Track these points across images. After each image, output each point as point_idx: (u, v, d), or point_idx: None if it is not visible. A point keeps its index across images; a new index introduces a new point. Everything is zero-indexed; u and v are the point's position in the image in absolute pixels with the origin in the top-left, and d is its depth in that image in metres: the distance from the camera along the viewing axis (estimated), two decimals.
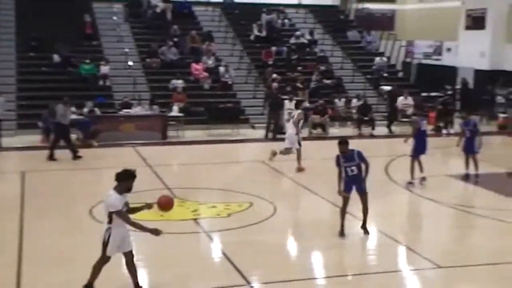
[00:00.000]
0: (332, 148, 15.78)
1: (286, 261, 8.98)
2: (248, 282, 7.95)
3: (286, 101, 16.04)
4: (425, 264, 8.64)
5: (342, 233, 9.54)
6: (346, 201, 9.57)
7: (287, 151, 14.38)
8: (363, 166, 9.44)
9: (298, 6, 26.89)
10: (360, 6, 26.92)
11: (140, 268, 7.65)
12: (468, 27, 23.50)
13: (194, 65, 21.53)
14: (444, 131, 18.47)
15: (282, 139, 18.18)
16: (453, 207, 11.43)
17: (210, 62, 22.12)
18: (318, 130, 19.07)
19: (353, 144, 18.61)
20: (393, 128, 19.75)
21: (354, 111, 19.98)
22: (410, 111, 19.68)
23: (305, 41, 24.16)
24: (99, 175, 13.72)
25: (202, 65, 21.70)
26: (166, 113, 18.62)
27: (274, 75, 21.59)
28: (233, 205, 11.31)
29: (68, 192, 12.43)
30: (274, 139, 18.23)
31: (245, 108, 20.54)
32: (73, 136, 16.22)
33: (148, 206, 7.34)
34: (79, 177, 13.79)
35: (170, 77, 20.76)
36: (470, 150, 13.30)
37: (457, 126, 18.01)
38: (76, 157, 15.05)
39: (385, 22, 27.36)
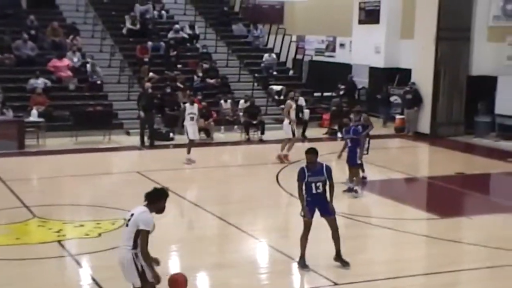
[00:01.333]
0: (217, 155, 16.02)
1: (166, 284, 8.81)
2: None
3: (187, 104, 16.01)
4: (321, 282, 8.83)
5: (304, 265, 9.11)
6: (307, 227, 8.99)
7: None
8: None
9: None
10: None
11: None
12: (361, 22, 24.51)
13: (56, 62, 20.77)
14: (339, 135, 19.12)
15: (162, 146, 18.09)
16: (348, 217, 11.78)
17: (76, 59, 21.45)
18: (202, 135, 19.05)
19: (240, 151, 18.89)
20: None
21: (241, 113, 20.16)
22: (305, 113, 20.25)
23: (186, 35, 24.10)
24: None
25: (66, 62, 20.99)
26: (23, 118, 17.82)
27: (151, 74, 21.35)
28: (105, 223, 11.02)
29: None
30: (152, 146, 18.00)
31: (118, 111, 20.12)
32: None
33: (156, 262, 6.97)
34: None
35: (27, 76, 19.93)
36: (350, 161, 13.19)
37: None
38: None
39: (274, 15, 27.93)
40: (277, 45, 25.36)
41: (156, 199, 6.99)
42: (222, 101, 20.70)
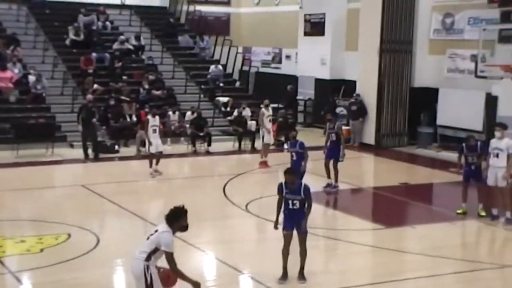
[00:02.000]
0: (163, 168, 15.91)
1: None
2: None
3: (149, 117, 15.91)
4: None
5: (284, 277, 9.13)
6: (287, 239, 9.06)
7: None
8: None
9: (122, 6, 26.59)
10: (192, 8, 27.31)
11: None
12: (307, 33, 24.81)
13: None
14: (286, 146, 19.24)
15: (107, 159, 17.87)
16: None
17: (17, 70, 21.03)
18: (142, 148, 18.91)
19: (187, 162, 18.79)
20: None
21: (187, 125, 20.11)
22: (251, 124, 20.36)
23: (131, 46, 23.94)
24: None
25: (9, 74, 20.56)
26: None
27: (95, 86, 21.11)
28: (48, 238, 10.82)
29: None
30: (97, 159, 17.77)
31: (62, 123, 19.79)
32: None
33: None
34: None
35: None
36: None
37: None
38: None
39: (220, 26, 27.99)
40: (223, 57, 25.43)
41: (176, 219, 7.06)
42: (170, 113, 20.61)
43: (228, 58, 25.39)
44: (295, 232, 9.07)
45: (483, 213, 12.52)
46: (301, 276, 9.17)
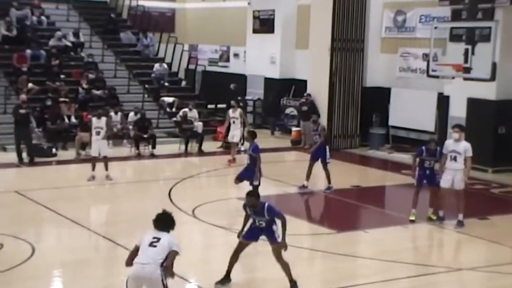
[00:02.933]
0: (104, 172, 15.73)
1: None
2: None
3: (94, 118, 15.71)
4: None
5: (223, 281, 9.18)
6: (239, 247, 9.19)
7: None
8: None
9: (59, 1, 26.19)
10: (134, 3, 27.11)
11: None
12: (256, 31, 24.92)
13: None
14: (241, 148, 19.28)
15: (43, 163, 17.56)
16: None
17: None
18: (88, 151, 18.64)
19: (131, 166, 18.56)
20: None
21: (130, 127, 19.94)
22: (198, 126, 20.35)
23: (69, 43, 23.64)
24: None
25: None
26: None
27: (30, 85, 20.73)
28: None
29: None
30: (32, 163, 17.46)
31: None
32: None
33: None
34: None
35: None
36: (246, 178, 13.41)
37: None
38: None
39: (164, 22, 27.88)
40: (168, 55, 25.33)
41: (173, 223, 7.85)
42: (112, 113, 20.35)
43: (173, 56, 25.30)
44: (245, 243, 9.20)
45: (433, 217, 12.79)
46: (294, 283, 9.15)
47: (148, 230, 7.73)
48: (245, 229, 9.29)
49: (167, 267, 7.47)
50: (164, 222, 7.80)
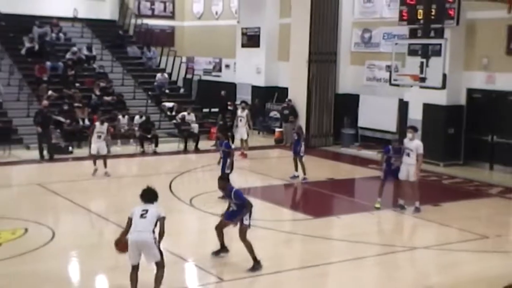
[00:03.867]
0: (114, 167, 15.72)
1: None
2: None
3: (97, 123, 15.68)
4: (210, 279, 8.95)
5: (218, 252, 9.60)
6: (220, 223, 9.52)
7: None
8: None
9: (74, 19, 26.07)
10: (139, 21, 27.05)
11: None
12: (244, 45, 24.95)
13: None
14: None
15: (61, 159, 17.52)
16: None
17: None
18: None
19: (136, 162, 18.58)
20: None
21: (136, 128, 19.93)
22: (194, 127, 20.35)
23: (83, 56, 23.53)
24: None
25: None
26: None
27: (50, 92, 20.66)
28: (5, 233, 10.55)
29: None
30: (51, 159, 17.41)
31: (18, 127, 19.28)
32: None
33: None
34: None
35: None
36: (221, 170, 13.28)
37: (237, 142, 18.97)
38: None
39: (165, 38, 27.81)
40: (168, 66, 25.26)
41: (156, 196, 8.19)
42: (120, 117, 20.36)
43: (173, 67, 25.24)
44: (224, 222, 9.44)
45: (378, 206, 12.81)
46: (253, 265, 9.17)
47: (137, 205, 8.10)
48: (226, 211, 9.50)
49: (160, 233, 7.87)
50: (149, 195, 8.12)
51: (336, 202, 14.62)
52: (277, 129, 22.19)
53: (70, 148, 18.56)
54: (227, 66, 27.05)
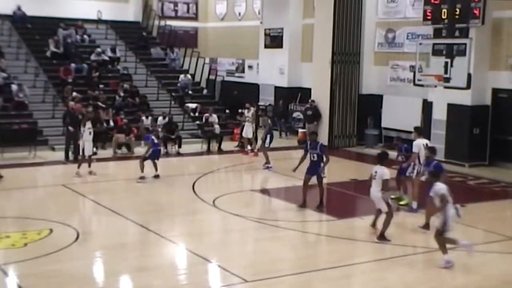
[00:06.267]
0: (137, 168, 15.80)
1: None
2: None
3: (89, 122, 15.76)
4: (233, 280, 8.93)
5: (301, 206, 11.33)
6: (305, 180, 12.67)
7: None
8: None
9: (98, 21, 26.32)
10: (163, 23, 27.19)
11: None
12: (267, 46, 24.91)
13: None
14: (249, 147, 19.30)
15: (85, 161, 17.64)
16: (257, 221, 11.96)
17: (0, 80, 20.65)
18: (123, 150, 18.78)
19: (159, 163, 18.62)
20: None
21: (160, 129, 19.99)
22: (218, 128, 20.39)
23: (107, 58, 23.72)
24: None
25: None
26: None
27: (74, 93, 20.86)
28: (31, 233, 10.67)
29: None
30: (76, 160, 17.55)
31: (43, 128, 19.50)
32: None
33: None
34: None
35: None
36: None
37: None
38: None
39: (188, 39, 27.92)
40: (192, 67, 25.36)
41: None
42: (143, 118, 20.46)
43: (196, 68, 25.34)
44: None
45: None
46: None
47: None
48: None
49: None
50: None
51: (359, 203, 14.47)
52: (300, 130, 22.11)
53: (94, 149, 18.64)
54: (250, 67, 27.05)
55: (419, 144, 12.77)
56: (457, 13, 16.88)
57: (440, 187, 9.64)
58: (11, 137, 18.03)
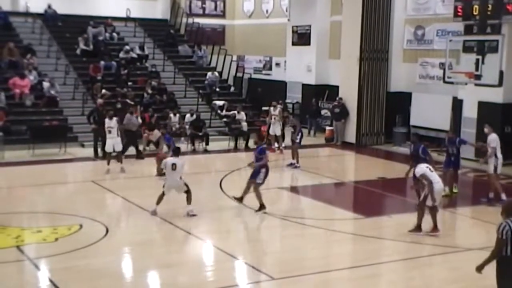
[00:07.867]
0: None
1: (119, 285, 8.79)
2: None
3: (106, 119, 15.96)
4: (260, 277, 8.97)
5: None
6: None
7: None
8: None
9: (127, 19, 26.59)
10: (190, 20, 27.34)
11: None
12: (294, 43, 24.87)
13: (17, 80, 20.34)
14: (275, 145, 19.33)
15: (114, 157, 17.86)
16: (284, 218, 11.99)
17: (32, 77, 21.02)
18: (152, 147, 18.95)
19: (187, 160, 18.75)
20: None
21: (187, 126, 20.15)
22: (245, 125, 20.45)
23: (135, 55, 23.95)
24: None
25: (27, 81, 20.58)
26: None
27: (103, 91, 21.12)
28: (61, 229, 10.86)
29: None
30: (105, 157, 17.75)
31: (73, 125, 19.81)
32: None
33: None
34: None
35: None
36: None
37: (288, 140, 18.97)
38: None
39: (216, 37, 28.02)
40: (219, 64, 25.42)
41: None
42: (171, 115, 20.61)
43: (223, 65, 25.39)
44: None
45: (455, 190, 13.74)
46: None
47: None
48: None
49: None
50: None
51: (387, 201, 14.43)
52: (327, 128, 22.05)
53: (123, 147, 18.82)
54: (277, 64, 27.05)
55: (496, 138, 13.01)
56: (489, 9, 16.66)
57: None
58: (42, 134, 18.35)
